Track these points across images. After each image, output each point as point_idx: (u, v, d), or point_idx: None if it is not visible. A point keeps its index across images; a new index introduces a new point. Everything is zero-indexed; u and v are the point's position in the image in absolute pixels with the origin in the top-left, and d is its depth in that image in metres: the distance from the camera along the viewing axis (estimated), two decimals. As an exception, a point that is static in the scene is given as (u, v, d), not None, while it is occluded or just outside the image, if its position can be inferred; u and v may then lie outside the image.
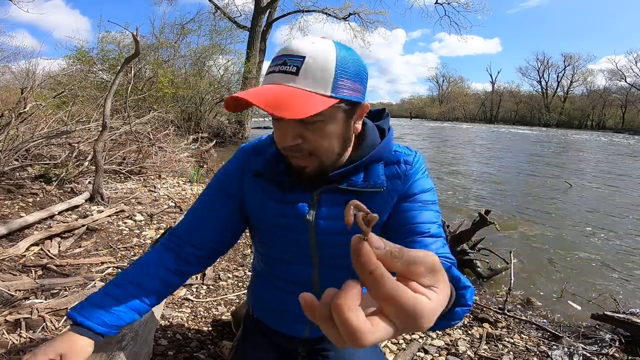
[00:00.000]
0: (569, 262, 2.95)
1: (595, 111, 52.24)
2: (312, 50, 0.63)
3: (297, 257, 0.85)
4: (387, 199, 0.78)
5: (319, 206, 0.78)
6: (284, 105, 0.59)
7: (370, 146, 0.76)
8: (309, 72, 0.62)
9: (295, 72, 0.62)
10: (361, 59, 0.69)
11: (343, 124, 0.69)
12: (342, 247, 0.78)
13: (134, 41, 3.05)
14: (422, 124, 41.79)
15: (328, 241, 0.79)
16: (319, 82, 0.62)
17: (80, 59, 9.12)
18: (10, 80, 9.15)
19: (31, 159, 3.82)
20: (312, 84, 0.62)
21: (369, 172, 0.77)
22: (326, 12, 15.66)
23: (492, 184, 6.39)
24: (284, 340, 0.97)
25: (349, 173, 0.76)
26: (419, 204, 0.77)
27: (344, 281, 0.25)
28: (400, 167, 0.78)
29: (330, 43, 0.65)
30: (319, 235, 0.79)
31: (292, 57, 0.63)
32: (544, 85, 59.15)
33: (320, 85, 0.62)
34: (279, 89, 0.61)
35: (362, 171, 0.77)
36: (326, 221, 0.78)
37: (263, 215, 0.82)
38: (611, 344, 1.68)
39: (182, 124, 9.25)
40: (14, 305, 1.48)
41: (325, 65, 0.63)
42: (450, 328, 1.80)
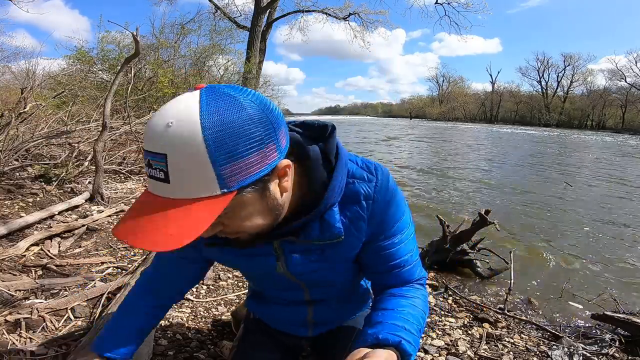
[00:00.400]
0: (569, 262, 2.95)
1: (595, 111, 52.28)
2: (171, 141, 0.45)
3: (286, 288, 0.87)
4: (353, 241, 0.71)
5: (285, 256, 0.73)
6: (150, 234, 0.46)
7: (318, 188, 0.64)
8: (180, 176, 0.46)
9: (164, 179, 0.47)
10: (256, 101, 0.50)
11: (259, 202, 0.54)
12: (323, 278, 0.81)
13: (134, 41, 3.05)
14: (422, 124, 41.79)
15: (308, 277, 0.80)
16: (197, 186, 0.47)
17: (80, 59, 9.13)
18: (10, 80, 9.14)
19: (31, 159, 3.83)
20: (190, 190, 0.47)
21: (323, 220, 0.66)
22: (326, 12, 15.68)
23: (492, 184, 6.39)
24: (287, 338, 0.99)
25: (304, 224, 0.66)
26: (393, 239, 0.72)
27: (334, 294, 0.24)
28: (361, 206, 0.67)
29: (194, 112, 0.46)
30: (297, 276, 0.79)
31: (153, 155, 0.47)
32: (544, 85, 59.25)
33: (200, 188, 0.47)
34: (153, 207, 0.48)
35: (317, 221, 0.66)
36: (298, 267, 0.75)
37: (235, 267, 0.86)
38: (611, 344, 1.68)
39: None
40: (14, 305, 1.48)
41: (194, 158, 0.45)
42: (451, 328, 1.80)
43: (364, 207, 0.67)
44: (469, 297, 2.15)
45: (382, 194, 0.67)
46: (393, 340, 0.63)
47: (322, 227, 0.67)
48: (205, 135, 0.45)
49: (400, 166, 8.21)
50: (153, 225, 0.47)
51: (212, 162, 0.45)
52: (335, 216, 0.66)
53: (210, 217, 0.47)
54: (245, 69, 11.89)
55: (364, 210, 0.67)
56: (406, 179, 6.62)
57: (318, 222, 0.66)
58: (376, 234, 0.71)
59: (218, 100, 0.47)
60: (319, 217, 0.66)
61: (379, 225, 0.70)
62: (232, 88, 0.51)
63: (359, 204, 0.67)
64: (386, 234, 0.71)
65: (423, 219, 3.94)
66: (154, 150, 0.47)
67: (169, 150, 0.45)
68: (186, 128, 0.45)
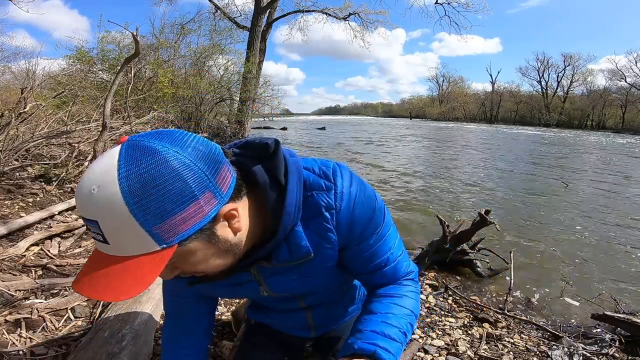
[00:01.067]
0: (568, 262, 2.95)
1: (595, 111, 52.26)
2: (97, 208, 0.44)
3: (279, 300, 0.89)
4: (327, 253, 0.68)
5: (265, 280, 0.74)
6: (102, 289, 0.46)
7: (275, 212, 0.61)
8: (116, 238, 0.46)
9: (104, 241, 0.46)
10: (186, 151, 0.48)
11: (208, 248, 0.53)
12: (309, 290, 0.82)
13: (134, 41, 3.06)
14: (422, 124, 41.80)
15: (295, 292, 0.82)
16: (135, 245, 0.46)
17: (80, 59, 9.13)
18: (10, 80, 9.15)
19: (31, 159, 3.83)
20: (129, 249, 0.46)
21: (289, 242, 0.65)
22: (326, 12, 15.67)
23: (492, 184, 6.39)
24: (290, 338, 1.00)
25: (271, 251, 0.65)
26: (368, 241, 0.70)
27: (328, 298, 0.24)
28: (324, 218, 0.64)
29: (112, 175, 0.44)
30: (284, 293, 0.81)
31: (87, 220, 0.46)
32: (544, 85, 59.23)
33: (138, 247, 0.46)
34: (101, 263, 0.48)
35: (284, 243, 0.65)
36: (281, 286, 0.76)
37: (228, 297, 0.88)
38: (611, 344, 1.68)
39: (182, 124, 9.27)
40: (14, 305, 1.48)
41: (123, 223, 0.44)
42: (451, 328, 1.80)
43: (327, 219, 0.64)
44: (469, 297, 2.15)
45: (344, 201, 0.64)
46: (368, 350, 0.65)
47: (290, 249, 0.65)
48: (126, 201, 0.43)
49: (400, 165, 8.22)
50: (104, 280, 0.47)
51: (140, 224, 0.44)
52: (300, 235, 0.64)
53: (156, 270, 0.47)
54: (245, 69, 11.88)
55: (328, 221, 0.64)
56: (407, 178, 6.63)
57: (285, 244, 0.64)
58: (349, 240, 0.68)
59: (138, 158, 0.44)
60: (284, 240, 0.64)
61: (349, 231, 0.66)
62: (158, 136, 0.48)
63: (322, 216, 0.64)
64: (359, 237, 0.68)
65: (423, 219, 3.95)
66: (86, 216, 0.46)
67: (98, 216, 0.44)
68: (107, 193, 0.43)
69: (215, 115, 11.34)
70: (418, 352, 1.59)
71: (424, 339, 1.68)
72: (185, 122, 9.60)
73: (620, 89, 50.07)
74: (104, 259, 0.47)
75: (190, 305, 0.92)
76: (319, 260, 0.68)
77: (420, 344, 1.63)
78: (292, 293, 0.82)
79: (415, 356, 1.57)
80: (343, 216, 0.64)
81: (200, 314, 0.94)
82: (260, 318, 1.02)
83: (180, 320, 0.92)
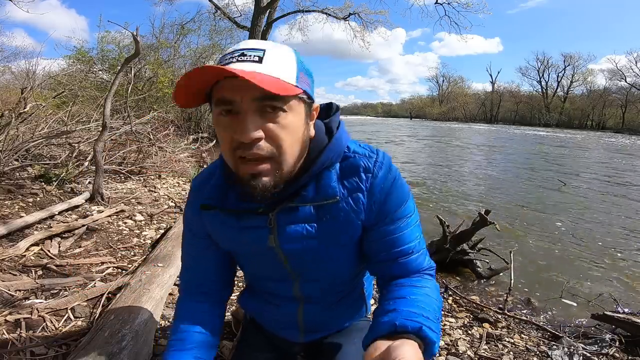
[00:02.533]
0: (569, 263, 2.95)
1: (595, 111, 52.22)
2: (270, 45, 0.61)
3: (275, 275, 0.83)
4: (350, 213, 0.70)
5: (278, 229, 0.72)
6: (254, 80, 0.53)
7: (317, 150, 0.68)
8: (273, 61, 0.59)
9: (258, 61, 0.58)
10: None
11: (304, 119, 0.64)
12: (313, 262, 0.77)
13: (134, 41, 3.05)
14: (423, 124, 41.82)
15: (298, 260, 0.77)
16: (283, 70, 0.59)
17: (80, 59, 9.13)
18: (10, 80, 9.15)
19: (31, 159, 3.83)
20: (277, 71, 0.58)
21: (319, 181, 0.69)
22: (326, 12, 15.63)
23: (492, 185, 6.40)
24: (281, 342, 0.97)
25: (300, 187, 0.68)
26: (397, 223, 0.71)
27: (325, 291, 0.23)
28: (360, 178, 0.69)
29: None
30: (288, 256, 0.76)
31: (252, 49, 0.59)
32: (544, 85, 59.23)
33: (284, 73, 0.59)
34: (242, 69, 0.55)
35: (313, 182, 0.69)
36: (290, 244, 0.73)
37: (228, 246, 0.81)
38: (611, 344, 1.68)
39: (182, 124, 9.26)
40: (14, 305, 1.48)
41: (286, 57, 0.61)
42: (451, 328, 1.80)
43: (362, 179, 0.69)
44: (469, 297, 2.15)
45: (382, 171, 0.69)
46: (412, 327, 0.56)
47: (318, 188, 0.69)
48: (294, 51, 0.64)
49: (399, 164, 8.22)
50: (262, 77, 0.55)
51: (295, 61, 0.62)
52: (331, 177, 0.69)
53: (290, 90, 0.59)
54: (246, 69, 11.87)
55: (362, 181, 0.68)
56: (406, 178, 6.62)
57: (314, 183, 0.69)
58: (379, 215, 0.70)
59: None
60: (315, 177, 0.68)
61: (381, 205, 0.69)
62: None
63: (358, 176, 0.69)
64: (390, 216, 0.70)
65: (423, 219, 3.94)
66: (254, 47, 0.60)
67: (269, 48, 0.60)
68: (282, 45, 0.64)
69: (215, 115, 11.32)
70: (418, 352, 1.59)
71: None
72: (185, 122, 9.60)
73: (620, 89, 50.04)
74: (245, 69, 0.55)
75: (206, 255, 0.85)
76: (340, 217, 0.70)
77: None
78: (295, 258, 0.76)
79: (415, 356, 1.56)
80: (378, 184, 0.69)
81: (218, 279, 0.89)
82: (252, 305, 0.98)
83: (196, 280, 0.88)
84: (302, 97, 0.63)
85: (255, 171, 0.61)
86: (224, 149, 0.63)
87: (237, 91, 0.57)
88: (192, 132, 9.06)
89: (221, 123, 0.61)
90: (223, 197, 0.74)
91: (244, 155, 0.60)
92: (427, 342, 0.56)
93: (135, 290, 1.51)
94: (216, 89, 0.59)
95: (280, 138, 0.60)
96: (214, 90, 0.60)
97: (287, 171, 0.64)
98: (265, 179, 0.62)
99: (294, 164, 0.65)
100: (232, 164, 0.64)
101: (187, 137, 7.92)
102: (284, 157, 0.62)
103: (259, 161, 0.60)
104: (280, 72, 0.59)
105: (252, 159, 0.60)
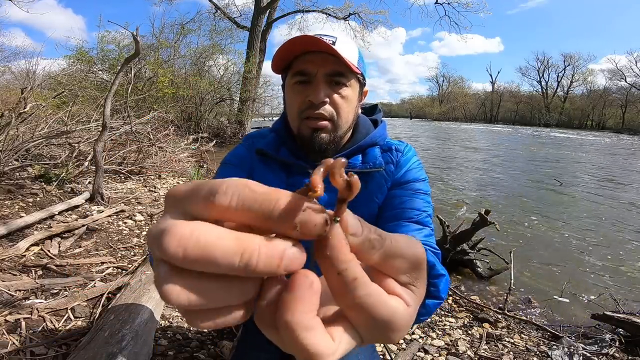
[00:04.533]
0: (569, 262, 2.95)
1: (595, 111, 52.24)
2: (338, 34, 0.77)
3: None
4: (382, 183, 0.81)
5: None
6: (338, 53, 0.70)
7: (364, 134, 0.84)
8: (343, 45, 0.75)
9: (332, 44, 0.73)
10: None
11: (357, 97, 0.80)
12: None
13: (134, 41, 3.05)
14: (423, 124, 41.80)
15: None
16: (350, 54, 0.75)
17: (80, 59, 9.12)
18: (10, 80, 9.15)
19: (31, 159, 3.83)
20: (346, 53, 0.73)
21: (366, 155, 0.83)
22: (326, 12, 15.65)
23: (492, 184, 6.39)
24: None
25: (348, 156, 0.81)
26: (411, 191, 0.80)
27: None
28: (392, 153, 0.84)
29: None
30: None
31: (325, 35, 0.74)
32: (544, 85, 59.21)
33: (351, 56, 0.75)
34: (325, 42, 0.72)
35: (359, 154, 0.83)
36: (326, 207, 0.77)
37: None
38: (611, 344, 1.68)
39: (182, 124, 9.26)
40: (14, 305, 1.48)
41: (352, 45, 0.78)
42: (451, 328, 1.80)
43: (394, 154, 0.84)
44: (469, 297, 2.15)
45: (410, 154, 0.86)
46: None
47: (365, 158, 0.83)
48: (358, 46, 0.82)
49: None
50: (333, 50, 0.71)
51: (357, 50, 0.80)
52: (377, 151, 0.84)
53: (355, 69, 0.75)
54: (245, 69, 11.86)
55: (394, 156, 0.84)
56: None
57: (360, 156, 0.83)
58: (400, 180, 0.81)
59: None
60: (361, 152, 0.83)
61: (404, 175, 0.82)
62: None
63: (392, 153, 0.85)
64: (409, 184, 0.81)
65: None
66: (328, 34, 0.76)
67: (338, 35, 0.77)
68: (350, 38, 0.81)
69: (215, 115, 11.31)
70: (418, 352, 1.59)
71: (424, 339, 1.68)
72: (185, 122, 9.59)
73: (620, 89, 50.05)
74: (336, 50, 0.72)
75: None
76: (374, 188, 0.81)
77: (420, 344, 1.63)
78: None
79: (415, 356, 1.56)
80: (405, 160, 0.84)
81: None
82: None
83: None
84: (359, 77, 0.79)
85: (318, 126, 0.76)
86: (292, 109, 0.78)
87: (314, 65, 0.74)
88: (192, 132, 9.06)
89: (295, 89, 0.77)
90: (276, 151, 0.86)
91: (309, 115, 0.75)
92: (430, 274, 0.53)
93: (135, 290, 1.51)
94: (296, 62, 0.76)
95: (340, 105, 0.76)
96: (294, 63, 0.76)
97: (340, 134, 0.79)
98: (323, 134, 0.77)
99: (346, 130, 0.80)
100: (296, 122, 0.78)
101: (187, 137, 7.92)
102: (340, 121, 0.77)
103: (321, 119, 0.75)
104: (348, 54, 0.74)
105: (316, 117, 0.75)
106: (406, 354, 1.55)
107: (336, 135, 0.78)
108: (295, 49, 0.73)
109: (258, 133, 0.93)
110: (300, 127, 0.78)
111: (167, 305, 1.71)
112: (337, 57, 0.71)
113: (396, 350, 1.58)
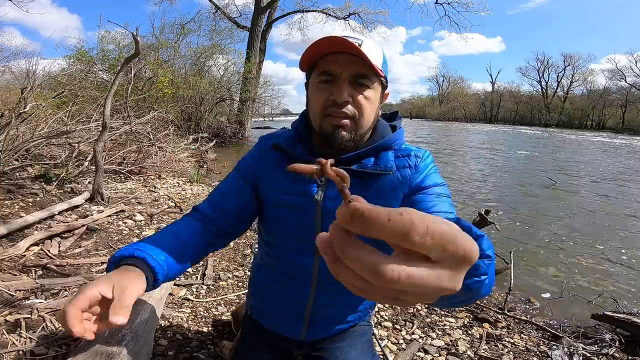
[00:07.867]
0: (568, 262, 2.95)
1: (595, 111, 52.18)
2: (364, 37, 0.78)
3: (300, 244, 0.85)
4: (397, 186, 0.81)
5: (327, 187, 0.82)
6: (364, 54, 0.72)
7: (380, 136, 0.85)
8: (369, 48, 0.75)
9: (359, 45, 0.73)
10: None
11: (379, 99, 0.82)
12: None
13: (134, 41, 3.05)
14: (423, 124, 41.83)
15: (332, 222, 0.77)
16: (375, 57, 0.76)
17: (80, 59, 9.12)
18: (10, 80, 9.15)
19: (31, 159, 3.83)
20: (371, 55, 0.74)
21: (379, 158, 0.83)
22: (326, 12, 15.64)
23: (491, 184, 6.39)
24: (280, 342, 0.97)
25: (361, 157, 0.82)
26: (434, 195, 0.79)
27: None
28: (410, 159, 0.84)
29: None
30: (325, 217, 0.81)
31: (352, 37, 0.75)
32: (544, 85, 59.15)
33: (376, 59, 0.76)
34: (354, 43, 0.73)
35: (372, 156, 0.84)
36: (333, 202, 0.81)
37: (274, 192, 0.86)
38: (611, 344, 1.68)
39: (182, 124, 9.26)
40: (14, 305, 1.48)
41: (377, 47, 0.79)
42: (451, 328, 1.80)
43: (412, 159, 0.84)
44: (469, 297, 2.15)
45: (429, 160, 0.85)
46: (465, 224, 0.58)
47: (377, 161, 0.83)
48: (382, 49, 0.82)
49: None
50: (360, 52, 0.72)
51: (382, 54, 0.80)
52: (389, 156, 0.84)
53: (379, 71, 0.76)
54: (245, 69, 11.85)
55: (411, 161, 0.84)
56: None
57: (373, 158, 0.83)
58: (420, 186, 0.81)
59: None
60: (375, 154, 0.83)
61: (424, 180, 0.81)
62: None
63: (410, 158, 0.84)
64: (430, 188, 0.80)
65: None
66: (354, 37, 0.75)
67: (364, 38, 0.77)
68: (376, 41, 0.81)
69: (215, 115, 11.30)
70: (418, 352, 1.59)
71: (424, 339, 1.68)
72: (185, 122, 9.60)
73: (620, 89, 49.96)
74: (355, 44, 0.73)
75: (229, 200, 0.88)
76: (386, 187, 0.81)
77: (420, 344, 1.63)
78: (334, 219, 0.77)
79: (415, 356, 1.57)
80: (425, 166, 0.84)
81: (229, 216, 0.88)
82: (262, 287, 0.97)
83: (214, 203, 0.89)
84: (382, 80, 0.80)
85: (339, 124, 0.77)
86: (315, 107, 0.79)
87: (339, 66, 0.75)
88: (192, 132, 9.06)
89: (319, 88, 0.78)
90: (292, 147, 0.87)
91: (332, 113, 0.77)
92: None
93: (135, 290, 1.51)
94: (321, 62, 0.77)
95: (363, 106, 0.77)
96: (319, 63, 0.77)
97: (360, 133, 0.80)
98: (344, 132, 0.78)
99: (367, 130, 0.81)
100: (319, 118, 0.79)
101: (187, 137, 7.91)
102: (362, 121, 0.78)
103: (343, 117, 0.77)
104: (373, 57, 0.75)
105: (338, 115, 0.76)
106: (406, 354, 1.55)
107: (356, 134, 0.79)
108: (321, 49, 0.75)
109: (274, 133, 0.94)
110: (322, 124, 0.79)
111: (166, 305, 1.72)
112: (363, 58, 0.72)
113: (396, 350, 1.58)
